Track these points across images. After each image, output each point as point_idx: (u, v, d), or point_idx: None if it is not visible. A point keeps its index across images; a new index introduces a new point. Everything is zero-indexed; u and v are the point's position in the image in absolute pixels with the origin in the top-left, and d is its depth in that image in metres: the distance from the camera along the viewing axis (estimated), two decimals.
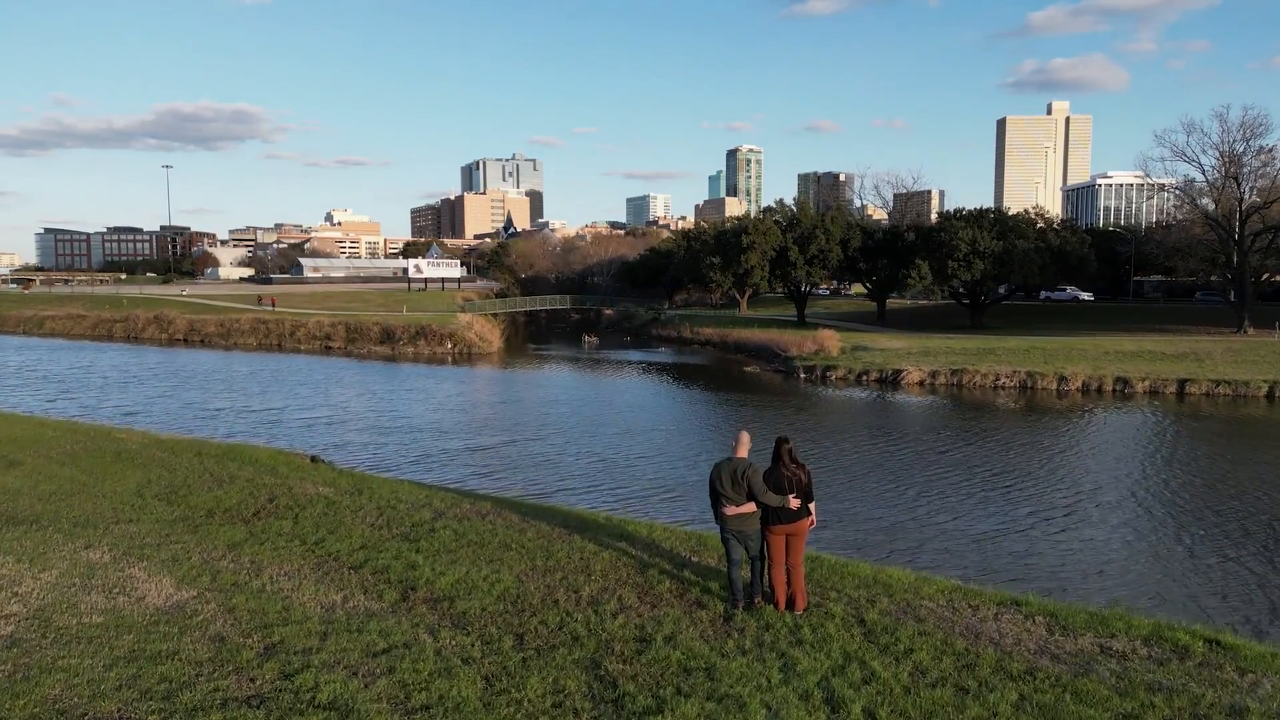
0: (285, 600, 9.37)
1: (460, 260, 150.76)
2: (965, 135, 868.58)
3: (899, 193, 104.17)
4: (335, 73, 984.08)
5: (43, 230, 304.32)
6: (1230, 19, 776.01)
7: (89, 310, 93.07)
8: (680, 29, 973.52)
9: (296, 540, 11.76)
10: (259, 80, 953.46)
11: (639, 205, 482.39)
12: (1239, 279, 62.36)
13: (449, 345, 69.03)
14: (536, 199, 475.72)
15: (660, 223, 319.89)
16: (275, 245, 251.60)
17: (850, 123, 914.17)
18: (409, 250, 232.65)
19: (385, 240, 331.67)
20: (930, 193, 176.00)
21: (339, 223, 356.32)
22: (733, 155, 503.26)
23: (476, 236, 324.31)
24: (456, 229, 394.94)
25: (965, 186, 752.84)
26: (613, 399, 43.98)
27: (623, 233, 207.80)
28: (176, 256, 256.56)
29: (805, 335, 60.50)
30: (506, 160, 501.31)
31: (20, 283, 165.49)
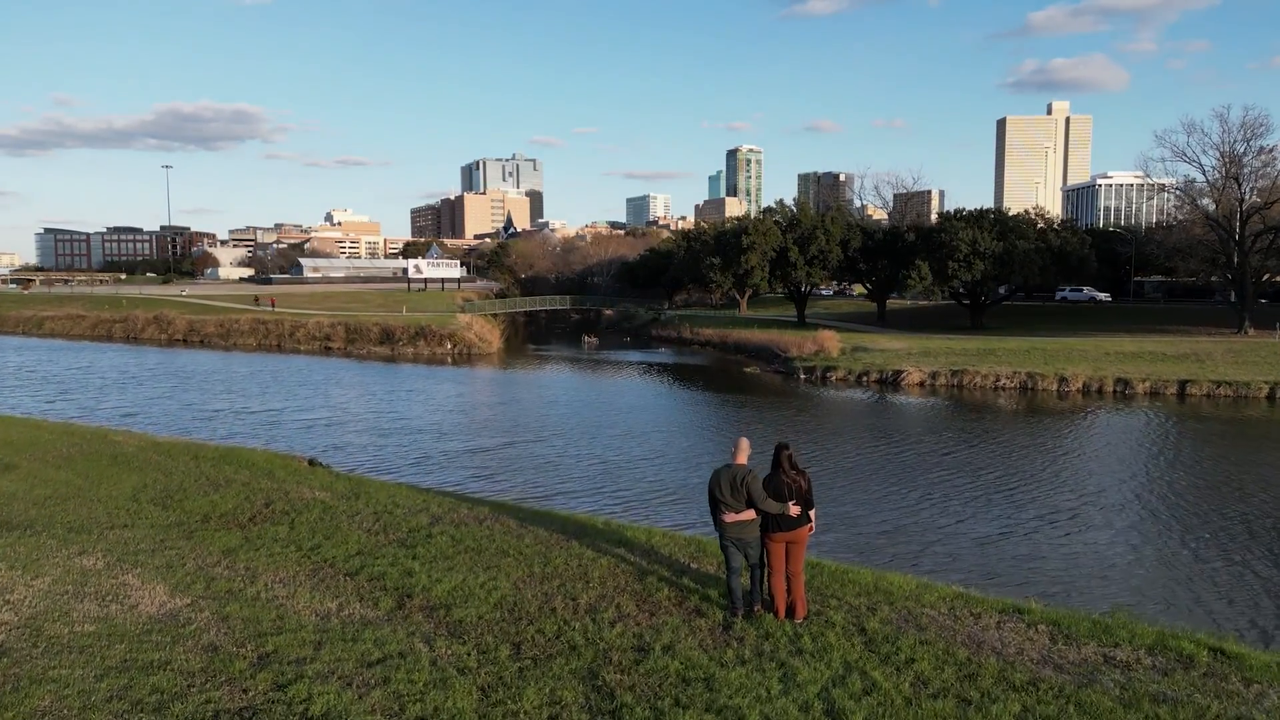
0: (280, 608, 9.27)
1: (460, 260, 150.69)
2: (965, 135, 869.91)
3: (899, 193, 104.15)
4: (335, 73, 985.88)
5: (43, 230, 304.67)
6: (1230, 19, 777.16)
7: (88, 311, 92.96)
8: (680, 29, 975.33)
9: (292, 546, 11.67)
10: (259, 80, 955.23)
11: (639, 205, 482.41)
12: (1239, 279, 62.27)
13: (449, 346, 68.95)
14: (536, 199, 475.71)
15: (660, 223, 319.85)
16: (275, 245, 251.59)
17: (850, 123, 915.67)
18: (409, 250, 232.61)
19: (385, 240, 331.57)
20: (930, 193, 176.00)
21: (339, 223, 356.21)
22: (733, 155, 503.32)
23: (476, 236, 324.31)
24: (456, 229, 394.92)
25: (965, 187, 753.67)
26: (613, 400, 43.88)
27: (623, 233, 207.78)
28: (176, 256, 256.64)
29: (805, 336, 60.40)
30: (506, 160, 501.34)
31: (20, 283, 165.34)
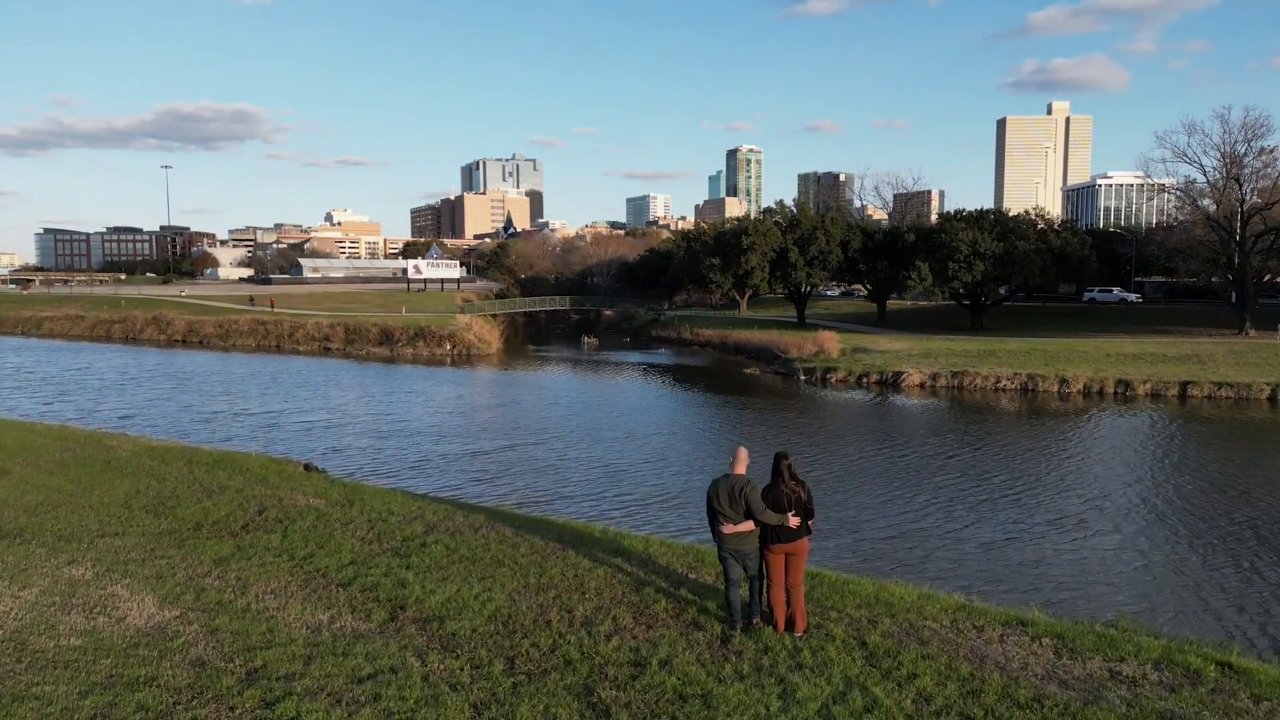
0: (270, 621, 9.12)
1: (460, 261, 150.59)
2: (965, 135, 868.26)
3: (899, 193, 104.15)
4: (335, 73, 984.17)
5: (42, 230, 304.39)
6: (1230, 19, 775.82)
7: (87, 311, 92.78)
8: (680, 29, 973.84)
9: (285, 555, 11.51)
10: (259, 80, 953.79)
11: (639, 205, 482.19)
12: (1240, 280, 62.10)
13: (448, 346, 68.80)
14: (536, 199, 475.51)
15: (660, 223, 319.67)
16: (275, 245, 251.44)
17: (850, 123, 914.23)
18: (409, 250, 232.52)
19: (385, 240, 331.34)
20: (930, 193, 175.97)
21: (339, 223, 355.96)
22: (733, 155, 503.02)
23: (476, 237, 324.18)
24: (456, 229, 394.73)
25: (965, 187, 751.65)
26: (612, 402, 43.72)
27: (622, 233, 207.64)
28: (176, 257, 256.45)
29: (805, 337, 60.24)
30: (506, 160, 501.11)
31: (19, 283, 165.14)
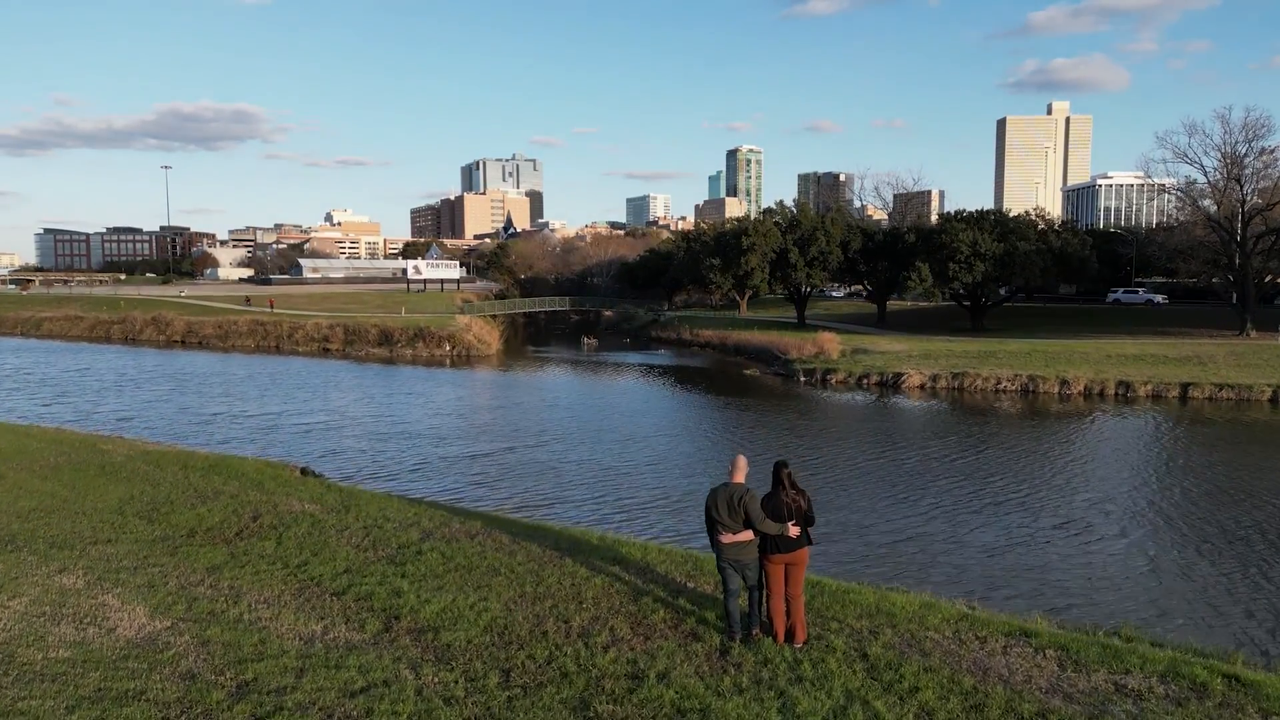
0: (262, 632, 8.99)
1: (460, 261, 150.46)
2: (965, 135, 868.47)
3: (899, 193, 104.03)
4: (335, 73, 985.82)
5: (42, 230, 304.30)
6: (1230, 19, 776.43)
7: (86, 312, 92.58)
8: (680, 28, 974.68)
9: (279, 563, 11.38)
10: (259, 80, 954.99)
11: (639, 205, 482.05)
12: (1241, 281, 61.95)
13: (447, 347, 68.64)
14: (536, 199, 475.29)
15: (660, 223, 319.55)
16: (275, 246, 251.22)
17: (850, 123, 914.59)
18: (408, 251, 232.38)
19: (385, 240, 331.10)
20: (930, 193, 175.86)
21: (339, 223, 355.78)
22: (733, 155, 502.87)
23: (476, 237, 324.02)
24: (456, 229, 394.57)
25: (965, 187, 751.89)
26: (612, 403, 43.59)
27: (622, 233, 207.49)
28: (176, 257, 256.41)
29: (805, 338, 60.08)
30: (506, 160, 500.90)
31: (19, 283, 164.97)
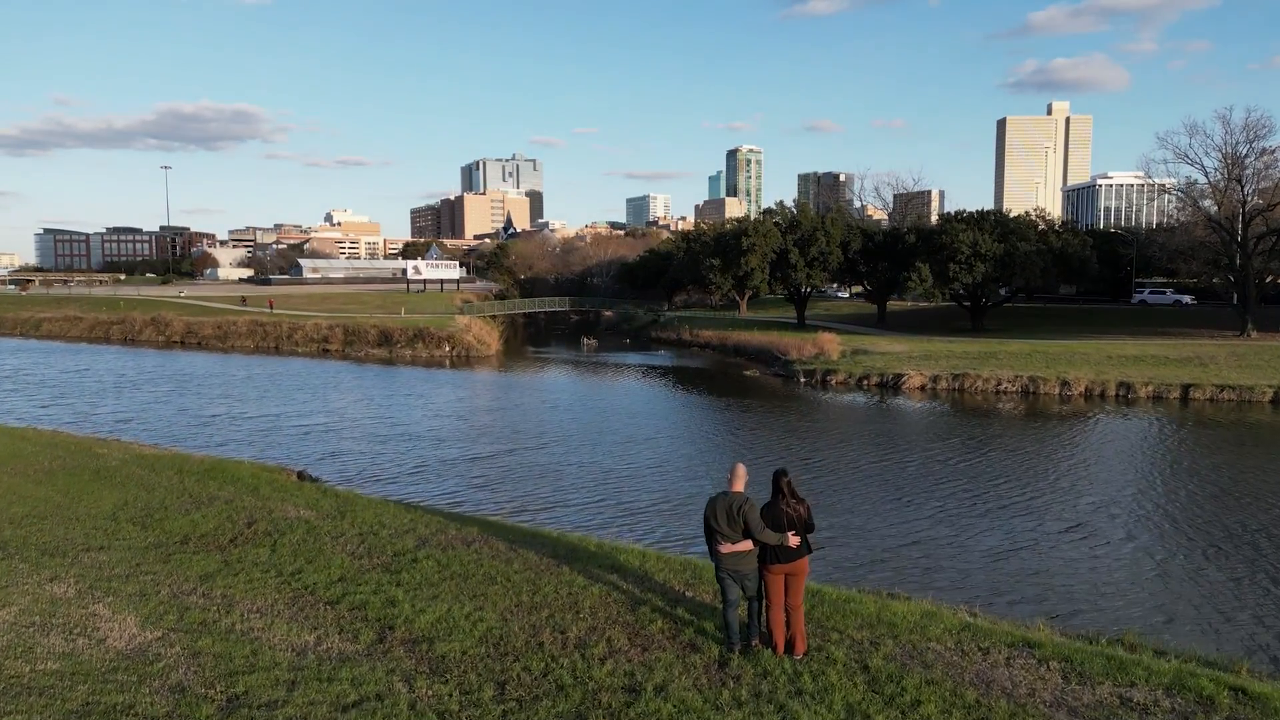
0: (254, 643, 8.86)
1: (460, 261, 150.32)
2: (965, 135, 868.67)
3: (899, 194, 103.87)
4: (335, 73, 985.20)
5: (42, 231, 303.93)
6: (1231, 19, 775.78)
7: (85, 312, 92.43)
8: (680, 28, 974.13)
9: (272, 571, 11.25)
10: (259, 80, 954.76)
11: (639, 205, 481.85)
12: (1242, 282, 61.81)
13: (447, 348, 68.50)
14: (536, 199, 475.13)
15: (660, 223, 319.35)
16: (275, 246, 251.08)
17: (850, 123, 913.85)
18: (408, 251, 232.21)
19: (385, 241, 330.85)
20: (930, 194, 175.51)
21: (339, 223, 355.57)
22: (733, 155, 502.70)
23: (476, 237, 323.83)
24: (456, 229, 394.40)
25: (965, 187, 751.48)
26: (613, 404, 43.45)
27: (622, 233, 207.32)
28: (176, 257, 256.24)
29: (805, 338, 59.93)
30: (506, 160, 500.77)
31: (18, 284, 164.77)
